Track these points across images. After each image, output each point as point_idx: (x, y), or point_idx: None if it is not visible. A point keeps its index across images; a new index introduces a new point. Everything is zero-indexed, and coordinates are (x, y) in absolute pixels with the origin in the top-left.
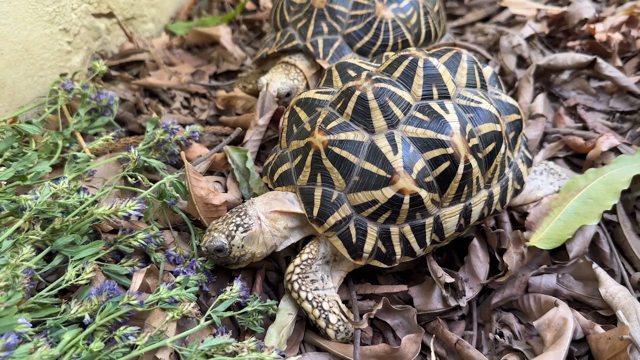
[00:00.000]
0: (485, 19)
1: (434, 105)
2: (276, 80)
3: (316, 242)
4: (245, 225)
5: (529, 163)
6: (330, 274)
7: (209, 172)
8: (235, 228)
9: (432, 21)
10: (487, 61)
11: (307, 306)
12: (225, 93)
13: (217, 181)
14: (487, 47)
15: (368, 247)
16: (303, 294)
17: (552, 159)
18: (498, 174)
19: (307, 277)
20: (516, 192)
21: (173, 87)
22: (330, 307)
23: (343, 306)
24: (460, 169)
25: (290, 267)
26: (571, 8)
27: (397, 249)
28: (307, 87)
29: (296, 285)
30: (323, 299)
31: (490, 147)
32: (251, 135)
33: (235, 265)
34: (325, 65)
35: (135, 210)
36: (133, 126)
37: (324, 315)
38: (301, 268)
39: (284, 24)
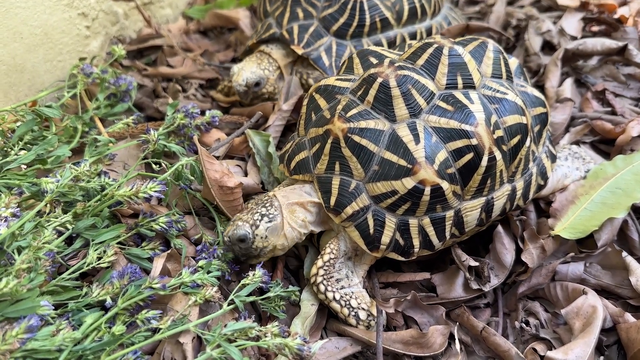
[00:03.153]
0: (509, 3)
1: (459, 94)
2: (246, 69)
3: (335, 240)
4: (271, 216)
5: (553, 158)
6: (354, 269)
7: (229, 157)
8: (260, 218)
9: None
10: (513, 46)
11: (335, 306)
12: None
13: (237, 165)
14: (515, 33)
15: (386, 239)
16: (330, 295)
17: (577, 143)
18: (522, 168)
19: (331, 277)
20: (539, 188)
21: (186, 76)
22: (359, 304)
23: (371, 300)
24: (484, 161)
25: (314, 270)
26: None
27: (416, 242)
28: (280, 77)
29: (322, 287)
30: (350, 297)
31: (515, 140)
32: (274, 120)
33: (256, 259)
34: (300, 51)
35: (156, 191)
36: (151, 112)
37: (353, 313)
38: (324, 269)
39: (266, 14)
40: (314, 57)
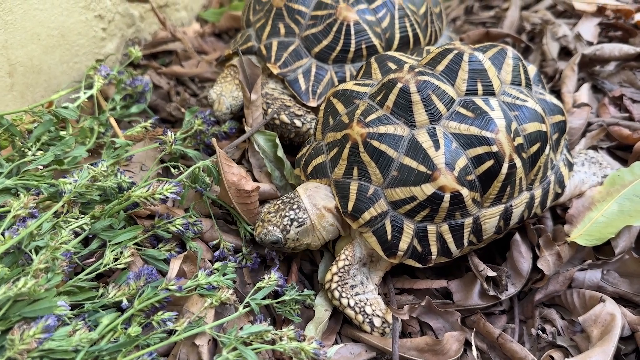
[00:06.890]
0: (524, 8)
1: (479, 101)
2: (227, 95)
3: (351, 246)
4: (300, 220)
5: (570, 167)
6: (369, 275)
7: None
8: (289, 223)
9: (414, 25)
10: (527, 48)
11: (350, 312)
12: None
13: (249, 170)
14: (529, 37)
15: (403, 245)
16: (345, 301)
17: (594, 148)
18: (541, 176)
19: (346, 283)
20: (557, 196)
21: (200, 76)
22: (374, 311)
23: (386, 307)
24: (505, 169)
25: (328, 276)
26: None
27: (434, 249)
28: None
29: (337, 294)
30: (365, 303)
31: (535, 148)
32: (252, 114)
33: (290, 251)
34: (276, 71)
35: (172, 193)
36: (164, 115)
37: (367, 320)
38: (339, 276)
39: (248, 24)
40: (290, 78)
